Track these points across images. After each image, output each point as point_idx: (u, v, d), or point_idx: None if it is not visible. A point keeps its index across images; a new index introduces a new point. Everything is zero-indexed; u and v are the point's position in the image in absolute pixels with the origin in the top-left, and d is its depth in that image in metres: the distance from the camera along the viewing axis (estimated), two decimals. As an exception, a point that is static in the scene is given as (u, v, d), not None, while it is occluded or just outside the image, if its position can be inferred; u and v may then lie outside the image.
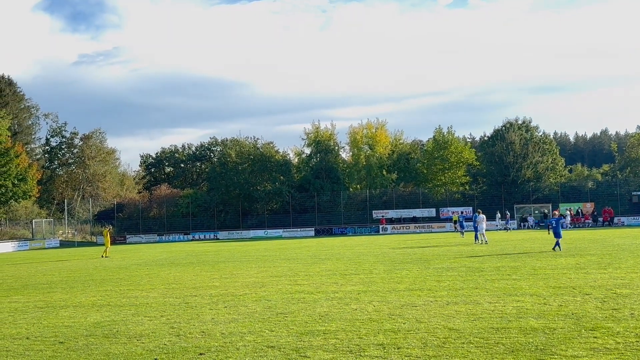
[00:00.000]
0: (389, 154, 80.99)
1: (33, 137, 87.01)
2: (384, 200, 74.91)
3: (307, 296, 15.64)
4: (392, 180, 78.12)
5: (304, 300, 15.01)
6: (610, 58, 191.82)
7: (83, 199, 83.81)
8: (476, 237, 35.83)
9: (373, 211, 71.88)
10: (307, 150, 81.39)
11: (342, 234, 66.74)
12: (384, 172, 78.23)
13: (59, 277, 24.78)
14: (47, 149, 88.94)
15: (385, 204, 74.11)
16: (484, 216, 36.51)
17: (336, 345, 9.92)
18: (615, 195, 68.87)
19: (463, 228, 45.26)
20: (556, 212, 29.52)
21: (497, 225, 58.16)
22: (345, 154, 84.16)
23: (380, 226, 67.54)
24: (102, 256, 38.61)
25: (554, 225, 27.85)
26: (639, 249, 26.66)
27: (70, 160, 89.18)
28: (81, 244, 67.96)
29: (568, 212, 58.96)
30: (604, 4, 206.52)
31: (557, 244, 27.25)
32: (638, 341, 9.41)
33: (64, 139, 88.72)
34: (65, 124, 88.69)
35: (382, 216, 70.41)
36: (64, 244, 67.87)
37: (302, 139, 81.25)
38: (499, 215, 60.54)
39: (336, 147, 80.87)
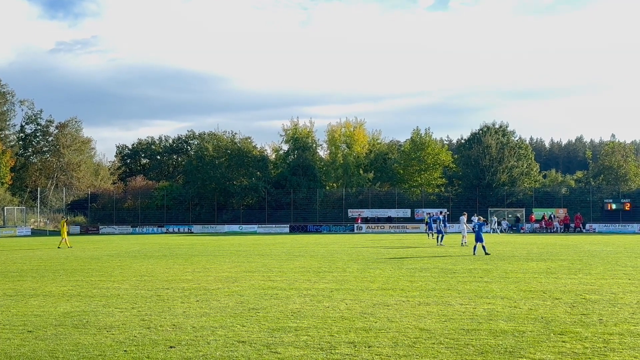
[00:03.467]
0: (366, 154, 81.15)
1: (8, 123, 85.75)
2: (359, 199, 75.02)
3: (280, 292, 15.65)
4: (369, 179, 78.30)
5: (276, 296, 15.01)
6: (587, 66, 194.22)
7: (56, 188, 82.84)
8: (440, 239, 36.71)
9: (348, 210, 71.96)
10: (285, 147, 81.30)
11: (317, 231, 66.74)
12: (361, 171, 78.41)
13: (30, 266, 24.52)
14: (22, 136, 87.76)
15: (361, 203, 74.20)
16: (464, 218, 37.15)
17: (307, 342, 9.94)
18: (588, 202, 69.68)
19: (431, 230, 45.64)
20: (481, 217, 30.22)
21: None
22: (322, 152, 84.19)
23: (355, 225, 67.66)
24: (59, 247, 37.77)
25: (476, 229, 28.28)
26: (609, 256, 27.02)
27: (45, 149, 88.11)
28: (53, 233, 67.20)
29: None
30: (582, 11, 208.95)
31: (475, 247, 27.79)
32: (605, 346, 9.55)
33: (39, 127, 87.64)
34: (41, 111, 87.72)
35: (358, 215, 70.54)
36: (36, 233, 67.11)
37: (280, 135, 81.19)
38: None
39: (314, 145, 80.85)
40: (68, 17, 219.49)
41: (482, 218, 30.26)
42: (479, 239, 27.74)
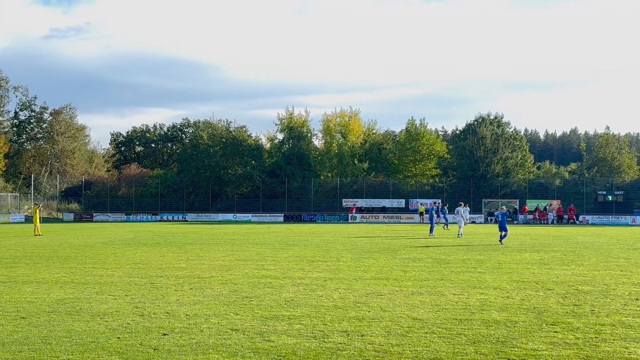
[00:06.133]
0: (361, 143, 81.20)
1: (1, 109, 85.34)
2: (354, 189, 75.08)
3: (274, 281, 15.66)
4: (364, 169, 78.37)
5: (270, 285, 15.03)
6: (582, 57, 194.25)
7: (50, 175, 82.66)
8: (431, 230, 36.75)
9: (343, 199, 72.02)
10: (280, 136, 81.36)
11: (311, 220, 66.78)
12: (356, 161, 78.45)
13: (23, 253, 24.48)
14: (16, 122, 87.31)
15: (355, 192, 74.27)
16: (461, 209, 36.92)
17: (300, 331, 9.96)
18: (582, 194, 69.88)
19: (446, 220, 45.34)
20: (504, 208, 31.08)
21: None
22: (317, 142, 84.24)
23: (350, 215, 67.74)
24: (35, 235, 36.62)
25: (499, 219, 29.34)
26: (602, 247, 27.12)
27: (39, 135, 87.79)
28: (47, 220, 67.08)
29: (460, 209, 59.33)
30: (578, 3, 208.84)
31: (503, 236, 28.82)
32: (597, 337, 9.60)
33: (34, 113, 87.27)
34: (35, 98, 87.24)
35: (352, 205, 70.59)
36: (29, 220, 66.87)
37: (275, 124, 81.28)
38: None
39: (309, 134, 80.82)
40: (62, 3, 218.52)
41: (504, 208, 31.00)
42: (502, 228, 28.85)
